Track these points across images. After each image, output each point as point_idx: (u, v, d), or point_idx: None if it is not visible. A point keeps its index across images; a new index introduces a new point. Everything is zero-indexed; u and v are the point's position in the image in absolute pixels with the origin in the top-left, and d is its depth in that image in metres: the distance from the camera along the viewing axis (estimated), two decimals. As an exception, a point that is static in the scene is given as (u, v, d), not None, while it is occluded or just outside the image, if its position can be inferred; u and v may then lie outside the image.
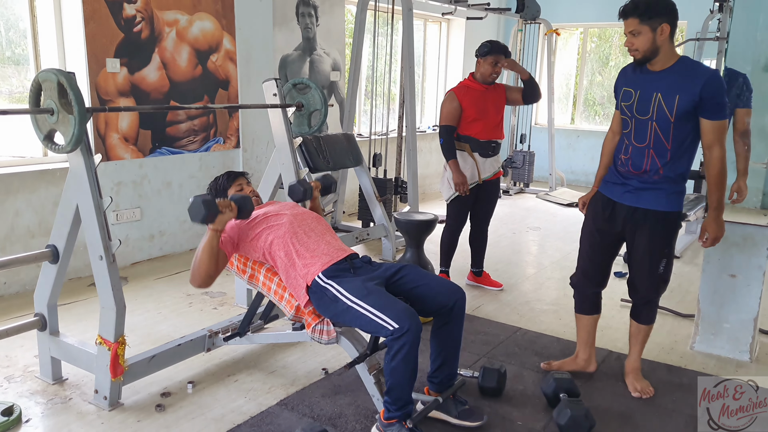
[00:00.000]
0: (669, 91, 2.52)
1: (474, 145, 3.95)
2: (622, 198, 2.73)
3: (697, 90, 2.47)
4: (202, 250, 2.47)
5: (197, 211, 2.39)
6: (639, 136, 2.64)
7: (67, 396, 2.76)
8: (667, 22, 2.48)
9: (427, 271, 2.74)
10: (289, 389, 2.85)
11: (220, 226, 2.46)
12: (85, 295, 3.96)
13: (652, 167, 2.64)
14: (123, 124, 4.42)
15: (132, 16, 4.36)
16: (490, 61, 3.84)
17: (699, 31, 6.48)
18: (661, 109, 2.55)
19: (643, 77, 2.62)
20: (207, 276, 2.49)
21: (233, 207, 2.50)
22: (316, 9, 5.89)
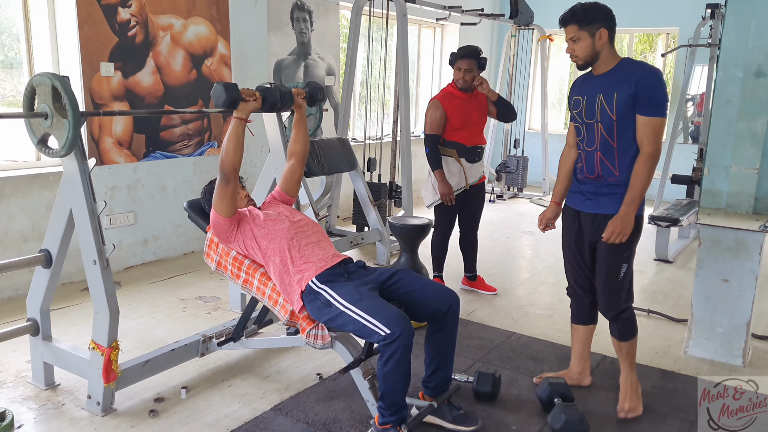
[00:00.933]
0: (609, 90, 2.57)
1: (461, 150, 3.98)
2: (583, 206, 2.74)
3: (632, 85, 2.50)
4: (228, 139, 2.49)
5: (219, 95, 2.41)
6: (589, 141, 2.67)
7: (60, 401, 2.74)
8: (604, 26, 2.55)
9: (422, 276, 2.74)
10: (284, 394, 2.85)
11: (243, 114, 2.49)
12: (78, 299, 3.94)
13: (604, 171, 2.64)
14: (117, 128, 4.41)
15: (126, 21, 4.35)
16: (456, 68, 3.89)
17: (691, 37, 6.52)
18: (604, 109, 2.58)
19: (588, 83, 2.68)
20: (232, 165, 2.52)
21: (257, 96, 2.53)
22: (310, 14, 5.90)
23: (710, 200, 3.32)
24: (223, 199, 2.56)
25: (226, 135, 2.52)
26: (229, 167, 2.52)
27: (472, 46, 3.92)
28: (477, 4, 7.68)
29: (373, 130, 6.16)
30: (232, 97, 2.44)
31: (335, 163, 4.73)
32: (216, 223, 2.64)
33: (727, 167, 3.27)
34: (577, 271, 2.86)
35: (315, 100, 2.96)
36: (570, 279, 2.93)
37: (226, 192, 2.54)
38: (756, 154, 3.21)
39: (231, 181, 2.53)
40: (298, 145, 2.93)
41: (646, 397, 2.90)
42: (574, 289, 2.92)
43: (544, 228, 2.99)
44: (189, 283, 4.33)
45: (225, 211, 2.58)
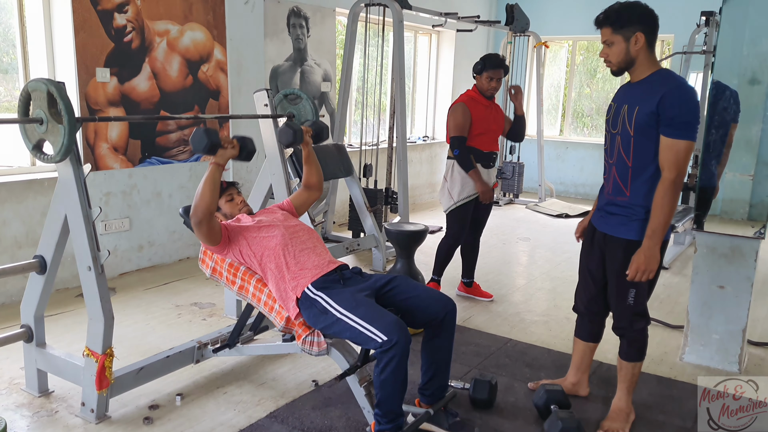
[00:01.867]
0: (633, 102, 2.39)
1: (477, 155, 3.96)
2: (598, 223, 2.63)
3: (655, 102, 2.30)
4: (204, 183, 2.46)
5: (199, 140, 2.41)
6: (610, 153, 2.53)
7: (54, 409, 2.72)
8: (641, 30, 2.35)
9: (418, 282, 2.73)
10: (279, 401, 2.83)
11: (221, 160, 2.48)
12: (72, 306, 3.92)
13: (615, 188, 2.50)
14: (112, 133, 4.40)
15: (122, 26, 4.35)
16: (486, 77, 3.89)
17: (686, 44, 6.56)
18: (624, 121, 2.42)
19: (624, 90, 2.52)
20: (207, 211, 2.47)
21: (235, 144, 2.53)
22: (307, 20, 5.90)
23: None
24: (205, 237, 2.54)
25: (202, 180, 2.47)
26: (204, 212, 2.46)
27: (499, 56, 3.93)
28: (473, 10, 7.72)
29: (369, 136, 6.16)
30: (212, 142, 2.42)
31: (331, 169, 4.73)
32: (206, 247, 2.68)
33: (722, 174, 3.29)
34: (584, 290, 2.75)
35: (320, 139, 3.01)
36: (576, 296, 2.83)
37: (202, 232, 2.52)
38: (750, 160, 3.23)
39: (204, 224, 2.49)
40: (312, 179, 2.98)
41: (643, 404, 2.90)
42: (579, 307, 2.83)
43: (579, 237, 2.83)
44: (184, 290, 4.32)
45: (211, 242, 2.59)
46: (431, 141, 8.31)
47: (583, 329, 2.87)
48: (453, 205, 3.99)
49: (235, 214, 2.78)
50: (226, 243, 2.61)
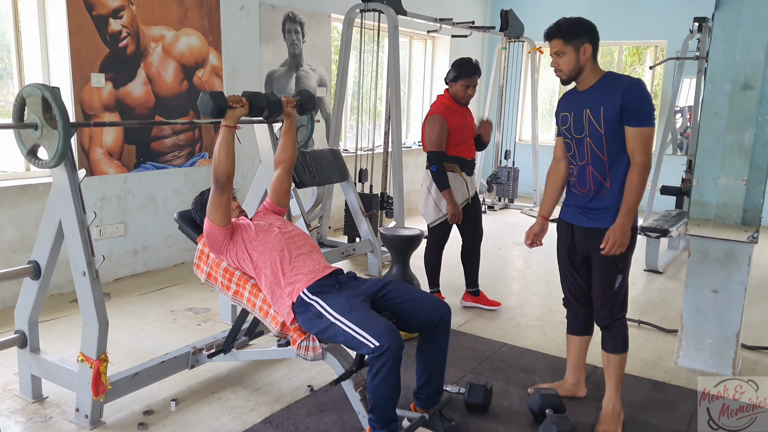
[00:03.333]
0: (595, 105, 2.57)
1: (462, 164, 3.93)
2: (576, 219, 2.74)
3: (618, 98, 2.50)
4: (219, 148, 2.48)
5: (206, 105, 2.41)
6: (579, 156, 2.68)
7: (48, 415, 2.71)
8: (589, 42, 2.58)
9: (413, 287, 2.74)
10: (274, 407, 2.83)
11: (231, 122, 2.49)
12: (67, 311, 3.91)
13: (596, 184, 2.64)
14: (107, 139, 4.40)
15: (118, 32, 4.35)
16: (462, 85, 3.79)
17: (679, 50, 6.59)
18: (591, 124, 2.59)
19: (574, 98, 2.69)
20: (226, 173, 2.52)
21: (244, 102, 2.53)
22: (302, 26, 5.92)
23: (699, 211, 3.35)
24: (219, 207, 2.55)
25: (217, 144, 2.51)
26: (224, 175, 2.51)
27: (475, 61, 3.83)
28: (468, 16, 7.75)
29: (364, 141, 6.17)
30: (219, 105, 2.44)
31: (327, 174, 4.73)
32: (210, 233, 2.62)
33: (716, 179, 3.31)
34: (571, 283, 2.86)
35: (305, 109, 2.93)
36: (565, 291, 2.92)
37: (222, 201, 2.53)
38: (744, 165, 3.24)
39: (226, 190, 2.52)
40: (285, 154, 2.91)
41: (637, 408, 2.91)
42: (569, 300, 2.92)
43: (531, 244, 2.97)
44: (179, 295, 4.31)
45: (220, 220, 2.57)
46: (426, 146, 8.31)
47: (576, 323, 2.93)
48: (441, 219, 3.94)
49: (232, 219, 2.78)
50: (228, 237, 2.61)
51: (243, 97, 2.56)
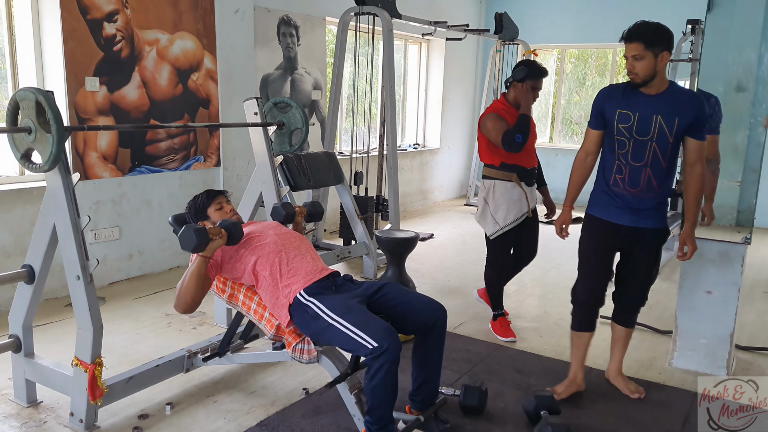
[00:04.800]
0: (669, 113, 2.68)
1: (521, 173, 3.62)
2: (621, 219, 2.84)
3: (693, 112, 2.67)
4: (190, 277, 2.46)
5: (188, 240, 2.39)
6: (636, 156, 2.76)
7: (42, 419, 2.70)
8: (667, 50, 2.65)
9: (408, 289, 2.74)
10: (270, 410, 2.83)
11: (209, 253, 2.47)
12: (61, 315, 3.89)
13: (648, 186, 2.77)
14: (102, 142, 4.39)
15: (112, 35, 4.35)
16: (529, 86, 3.50)
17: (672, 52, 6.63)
18: (662, 130, 2.70)
19: (640, 100, 2.73)
20: (193, 302, 2.49)
21: (223, 234, 2.50)
22: (297, 29, 5.93)
23: (693, 213, 3.35)
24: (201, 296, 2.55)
25: (188, 273, 2.47)
26: (192, 305, 2.49)
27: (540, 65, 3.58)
28: (462, 19, 7.77)
29: (359, 143, 6.18)
30: (201, 241, 2.41)
31: (322, 176, 4.74)
32: None
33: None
34: (602, 279, 2.96)
35: (312, 219, 3.07)
36: (590, 287, 2.96)
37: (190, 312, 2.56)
38: (738, 167, 3.26)
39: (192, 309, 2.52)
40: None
41: (632, 408, 2.92)
42: (594, 297, 2.96)
43: (564, 234, 3.02)
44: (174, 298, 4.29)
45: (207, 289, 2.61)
46: (422, 149, 8.34)
47: (591, 320, 3.04)
48: (500, 231, 3.62)
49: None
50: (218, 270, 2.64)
51: (222, 228, 2.52)
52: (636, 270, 2.94)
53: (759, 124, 3.20)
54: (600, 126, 2.83)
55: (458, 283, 4.87)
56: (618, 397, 3.03)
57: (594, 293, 2.96)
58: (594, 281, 2.95)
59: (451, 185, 9.01)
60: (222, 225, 2.52)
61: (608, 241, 2.91)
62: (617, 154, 2.80)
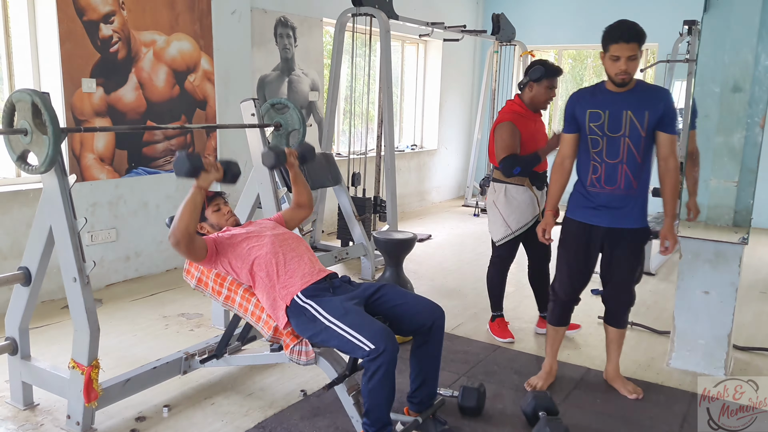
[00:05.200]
0: (639, 108, 2.73)
1: (533, 177, 3.57)
2: (598, 220, 2.86)
3: (661, 106, 2.73)
4: (185, 205, 2.43)
5: (182, 165, 2.40)
6: (611, 153, 2.79)
7: (39, 422, 2.69)
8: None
9: (406, 290, 2.74)
10: (267, 412, 2.82)
11: (204, 183, 2.47)
12: (58, 318, 3.88)
13: (626, 182, 2.80)
14: (99, 144, 4.38)
15: (108, 37, 4.34)
16: (546, 86, 3.48)
17: (669, 53, 6.64)
18: (633, 125, 2.74)
19: (609, 98, 2.78)
20: (185, 232, 2.43)
21: (219, 168, 2.51)
22: (294, 30, 5.92)
23: (690, 213, 3.36)
24: (185, 255, 2.53)
25: (183, 202, 2.46)
26: (182, 234, 2.43)
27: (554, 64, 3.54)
28: (459, 20, 7.77)
29: (357, 144, 6.17)
30: (194, 166, 2.41)
31: (319, 178, 4.73)
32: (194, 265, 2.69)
33: (707, 180, 3.32)
34: (579, 278, 3.00)
35: (306, 160, 2.98)
36: (567, 286, 3.02)
37: (183, 251, 2.49)
38: (734, 167, 3.26)
39: (182, 244, 2.46)
40: (302, 198, 2.96)
41: (630, 409, 2.92)
42: (570, 295, 3.04)
43: (547, 238, 3.04)
44: (171, 300, 4.29)
45: (196, 259, 2.57)
46: (419, 149, 8.34)
47: (566, 316, 3.11)
48: (510, 235, 3.60)
49: (222, 225, 2.77)
50: (213, 256, 2.60)
51: (218, 163, 2.53)
52: (617, 270, 2.95)
53: (756, 125, 3.20)
54: (573, 129, 2.89)
55: (456, 284, 4.86)
56: (616, 397, 3.03)
57: (571, 292, 3.04)
58: (571, 281, 3.01)
59: (449, 186, 9.02)
60: (219, 160, 2.55)
61: (586, 243, 2.92)
62: (591, 154, 2.84)
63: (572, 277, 3.01)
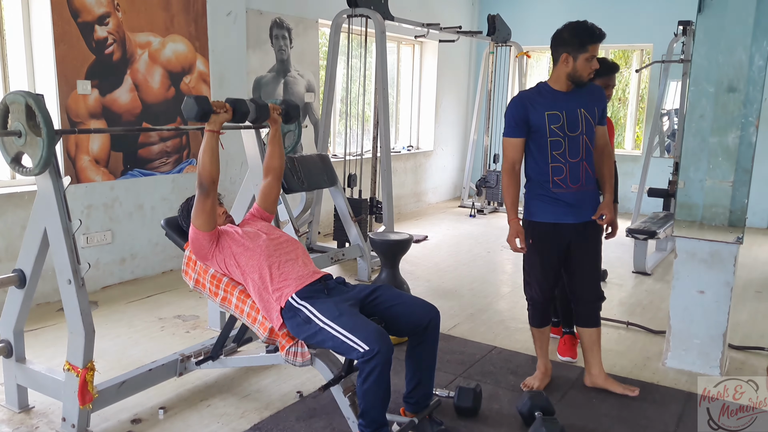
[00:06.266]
0: (588, 105, 2.85)
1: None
2: (565, 218, 2.90)
3: (602, 100, 2.93)
4: (203, 152, 2.49)
5: (190, 108, 2.43)
6: (572, 152, 2.85)
7: (34, 425, 2.68)
8: None
9: (402, 291, 2.74)
10: (263, 413, 2.81)
11: (215, 126, 2.50)
12: (53, 320, 3.87)
13: (587, 178, 2.89)
14: (94, 146, 4.37)
15: (104, 38, 4.33)
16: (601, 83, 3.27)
17: (664, 53, 6.65)
18: (588, 122, 2.85)
19: (560, 98, 2.83)
20: (210, 177, 2.50)
21: (228, 108, 2.55)
22: (289, 31, 5.92)
23: (686, 213, 3.37)
24: (203, 212, 2.54)
25: (201, 148, 2.51)
26: (208, 179, 2.50)
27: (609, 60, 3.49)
28: (455, 21, 7.78)
29: (353, 146, 6.17)
30: (203, 109, 2.45)
31: (315, 179, 4.73)
32: (195, 239, 2.60)
33: (702, 181, 3.33)
34: (553, 279, 3.03)
35: (290, 117, 2.96)
36: (544, 288, 3.03)
37: (206, 205, 2.52)
38: (729, 167, 3.27)
39: (210, 194, 2.51)
40: (274, 161, 2.90)
41: (626, 408, 2.92)
42: (546, 296, 3.06)
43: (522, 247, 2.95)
44: (167, 302, 4.28)
45: (205, 225, 2.56)
46: (415, 151, 8.35)
47: (546, 316, 3.12)
48: None
49: (218, 225, 2.77)
50: (215, 244, 2.59)
51: (227, 103, 2.57)
52: (586, 266, 2.99)
53: (750, 125, 3.21)
54: (523, 134, 2.85)
55: (452, 285, 4.87)
56: (612, 397, 3.03)
57: (546, 293, 3.05)
58: (547, 282, 3.02)
59: (445, 187, 9.02)
60: (227, 100, 2.57)
61: (553, 243, 2.94)
62: (552, 156, 2.84)
63: (548, 278, 3.01)
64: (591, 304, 3.04)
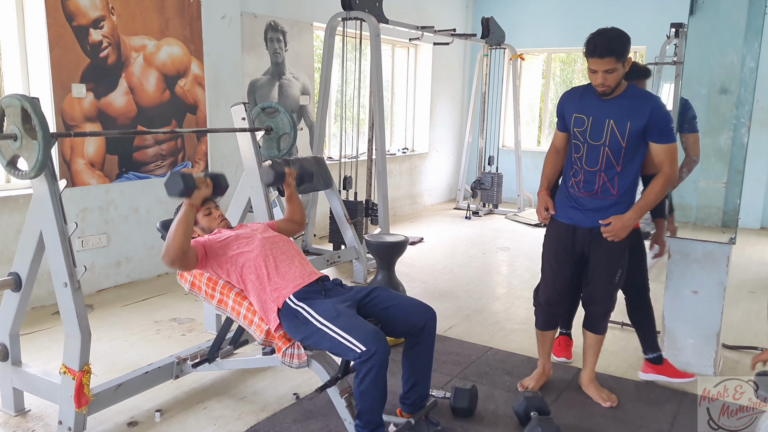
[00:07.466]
0: (621, 117, 2.66)
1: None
2: (581, 221, 2.84)
3: (645, 116, 2.63)
4: (178, 224, 2.46)
5: (174, 184, 2.44)
6: (591, 161, 2.76)
7: (30, 428, 2.68)
8: (629, 54, 2.63)
9: (398, 293, 2.75)
10: (260, 415, 2.82)
11: (196, 200, 2.51)
12: (49, 323, 3.86)
13: (603, 190, 2.77)
14: (89, 149, 4.37)
15: (98, 42, 4.34)
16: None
17: (657, 55, 6.69)
18: (614, 135, 2.68)
19: (595, 104, 2.72)
20: (180, 251, 2.45)
21: (209, 183, 2.58)
22: (284, 34, 5.93)
23: (680, 214, 3.40)
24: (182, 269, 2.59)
25: (175, 220, 2.48)
26: (177, 253, 2.45)
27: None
28: (449, 24, 7.81)
29: (348, 148, 6.18)
30: (188, 186, 2.45)
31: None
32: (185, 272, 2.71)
33: (696, 182, 3.36)
34: (561, 281, 2.96)
35: (303, 182, 3.07)
36: (550, 289, 2.99)
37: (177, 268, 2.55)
38: (722, 168, 3.30)
39: (177, 263, 2.49)
40: (296, 216, 3.02)
41: (621, 408, 2.94)
42: (554, 298, 3.00)
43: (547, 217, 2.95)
44: (163, 305, 4.28)
45: (188, 269, 2.62)
46: (411, 153, 8.36)
47: (553, 320, 3.09)
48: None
49: (213, 228, 2.78)
50: (204, 260, 2.60)
51: (207, 178, 2.60)
52: (596, 273, 2.87)
53: (742, 126, 3.24)
54: (562, 128, 2.88)
55: (448, 287, 4.88)
56: (608, 397, 3.04)
57: (552, 296, 3.00)
58: (551, 285, 2.98)
59: (441, 189, 9.04)
60: (207, 174, 2.60)
61: (567, 245, 2.88)
62: (573, 158, 2.82)
63: (555, 280, 2.95)
64: (599, 313, 2.96)
